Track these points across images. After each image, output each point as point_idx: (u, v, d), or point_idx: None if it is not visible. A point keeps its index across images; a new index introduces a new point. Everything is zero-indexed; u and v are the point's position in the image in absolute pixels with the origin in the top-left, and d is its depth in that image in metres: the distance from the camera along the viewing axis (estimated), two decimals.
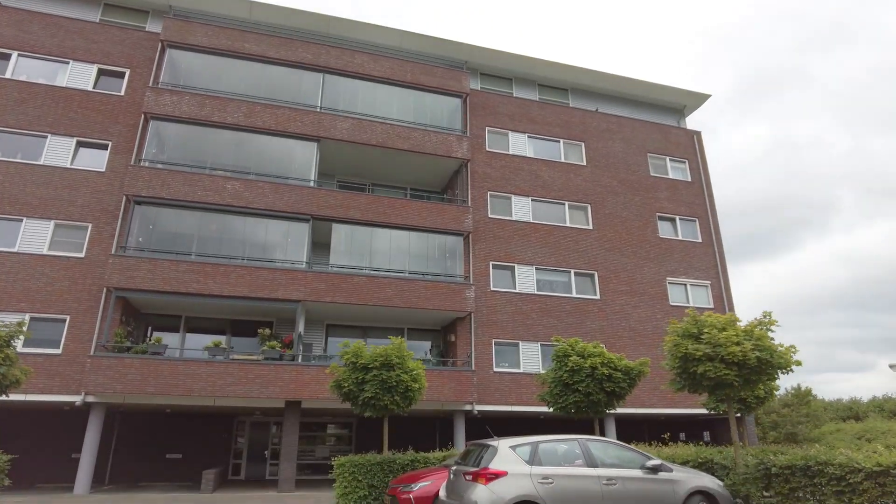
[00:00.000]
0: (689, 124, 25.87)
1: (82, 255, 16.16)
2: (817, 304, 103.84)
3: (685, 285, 21.90)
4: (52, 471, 16.82)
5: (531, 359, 18.81)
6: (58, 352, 15.15)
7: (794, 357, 9.07)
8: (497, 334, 18.80)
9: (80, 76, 18.03)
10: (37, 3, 18.87)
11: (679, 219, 22.92)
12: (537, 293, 19.75)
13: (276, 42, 19.39)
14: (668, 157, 23.88)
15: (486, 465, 7.71)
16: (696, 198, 23.54)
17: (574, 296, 20.19)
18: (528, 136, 22.16)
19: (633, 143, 23.50)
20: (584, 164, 22.42)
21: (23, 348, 13.85)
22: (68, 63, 18.06)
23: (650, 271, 21.52)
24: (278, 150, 18.87)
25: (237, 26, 19.64)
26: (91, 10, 19.39)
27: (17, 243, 15.78)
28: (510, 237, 20.17)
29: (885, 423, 27.71)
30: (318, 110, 19.19)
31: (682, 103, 25.53)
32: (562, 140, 22.56)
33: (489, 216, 20.23)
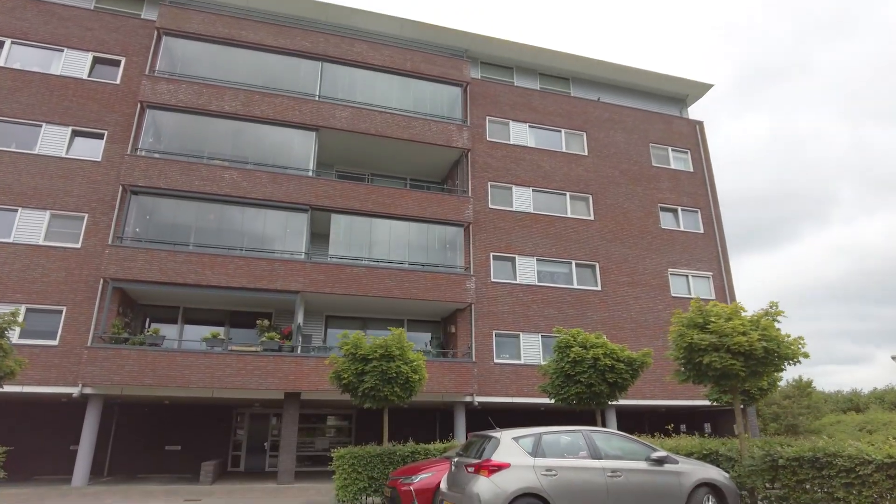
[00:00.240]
0: (691, 115, 25.63)
1: (79, 245, 15.98)
2: (816, 297, 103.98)
3: (687, 276, 21.77)
4: (51, 463, 16.77)
5: (532, 350, 18.70)
6: (55, 343, 14.99)
7: (802, 349, 8.89)
8: (498, 325, 18.67)
9: (74, 64, 17.75)
10: None
11: (681, 209, 22.75)
12: (538, 284, 19.61)
13: (273, 30, 19.10)
14: (670, 148, 23.67)
15: (489, 456, 7.56)
16: (698, 188, 23.34)
17: (575, 287, 20.05)
18: (530, 126, 21.93)
19: (634, 133, 23.27)
20: (586, 154, 22.20)
21: (19, 340, 13.77)
22: (63, 51, 17.77)
23: (652, 262, 21.37)
24: (276, 140, 18.65)
25: (234, 13, 19.33)
26: None
27: (13, 234, 15.60)
28: (511, 228, 20.00)
29: (885, 414, 27.76)
30: (316, 99, 18.95)
31: (684, 93, 25.27)
32: (563, 130, 22.33)
33: (490, 206, 20.05)
